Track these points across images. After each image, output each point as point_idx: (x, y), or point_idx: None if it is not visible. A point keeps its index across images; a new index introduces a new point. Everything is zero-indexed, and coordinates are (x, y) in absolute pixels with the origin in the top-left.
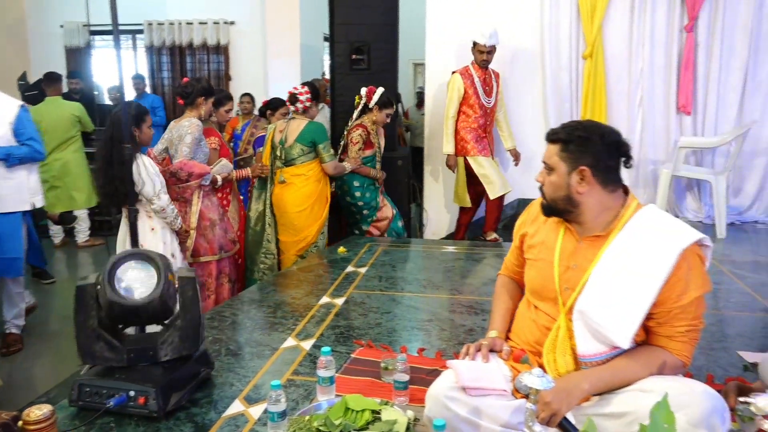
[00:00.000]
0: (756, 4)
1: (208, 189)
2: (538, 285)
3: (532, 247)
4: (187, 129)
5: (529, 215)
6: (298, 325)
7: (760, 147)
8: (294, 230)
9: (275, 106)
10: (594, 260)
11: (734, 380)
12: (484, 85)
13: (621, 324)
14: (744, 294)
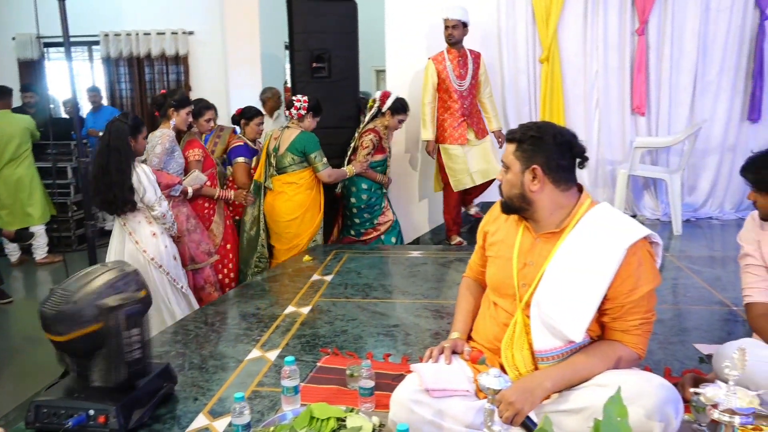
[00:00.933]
0: (703, 7)
1: (179, 200)
2: (498, 281)
3: (492, 244)
4: (158, 140)
5: (491, 215)
6: (263, 335)
7: (712, 145)
8: (286, 238)
9: (250, 116)
10: (548, 257)
11: (690, 372)
12: (458, 68)
13: (573, 318)
14: (700, 288)
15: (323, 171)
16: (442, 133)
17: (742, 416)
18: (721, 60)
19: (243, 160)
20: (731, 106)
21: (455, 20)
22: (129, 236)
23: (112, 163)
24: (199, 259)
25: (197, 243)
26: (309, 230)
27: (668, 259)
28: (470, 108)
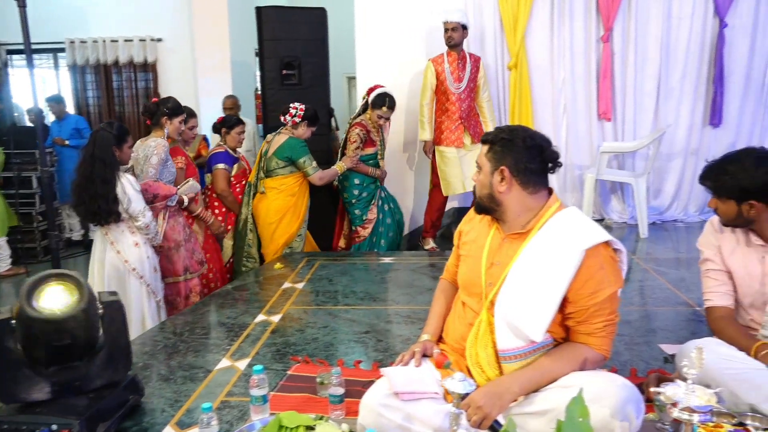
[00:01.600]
0: (665, 15)
1: (174, 210)
2: (467, 280)
3: (465, 243)
4: (153, 149)
5: (468, 216)
6: (233, 345)
7: (676, 149)
8: (265, 242)
9: (231, 125)
10: (513, 257)
11: (655, 372)
12: (456, 71)
13: (534, 318)
14: (665, 290)
15: (314, 175)
16: (439, 134)
17: (701, 414)
18: (684, 66)
19: (223, 167)
20: (693, 112)
21: (454, 23)
22: (110, 245)
23: (97, 173)
24: (193, 269)
25: (191, 252)
26: (285, 236)
27: (635, 261)
28: (468, 111)
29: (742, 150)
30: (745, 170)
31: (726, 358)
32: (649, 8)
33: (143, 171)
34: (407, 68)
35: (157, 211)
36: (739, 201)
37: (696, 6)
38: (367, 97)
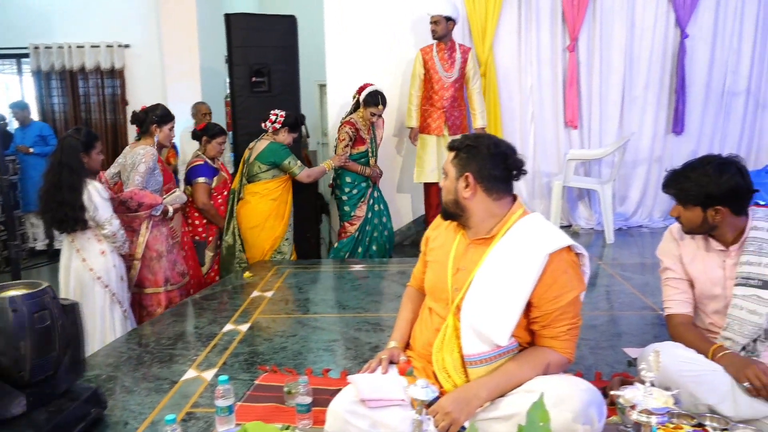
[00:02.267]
0: (628, 25)
1: (158, 219)
2: (433, 286)
3: (432, 249)
4: (141, 157)
5: (435, 222)
6: (200, 355)
7: (640, 157)
8: (249, 247)
9: (213, 134)
10: (478, 263)
11: (619, 375)
12: (444, 60)
13: (498, 323)
14: (630, 294)
15: (301, 173)
16: (423, 122)
17: (658, 416)
18: (647, 76)
19: (203, 181)
20: (657, 120)
21: (436, 16)
22: (76, 253)
23: (64, 180)
24: (174, 280)
25: (173, 263)
26: (270, 239)
27: (601, 267)
28: (451, 101)
29: (703, 158)
30: (709, 177)
31: (685, 361)
32: (613, 19)
33: (129, 178)
34: (378, 75)
35: (140, 220)
36: (705, 207)
37: (658, 17)
38: (358, 96)
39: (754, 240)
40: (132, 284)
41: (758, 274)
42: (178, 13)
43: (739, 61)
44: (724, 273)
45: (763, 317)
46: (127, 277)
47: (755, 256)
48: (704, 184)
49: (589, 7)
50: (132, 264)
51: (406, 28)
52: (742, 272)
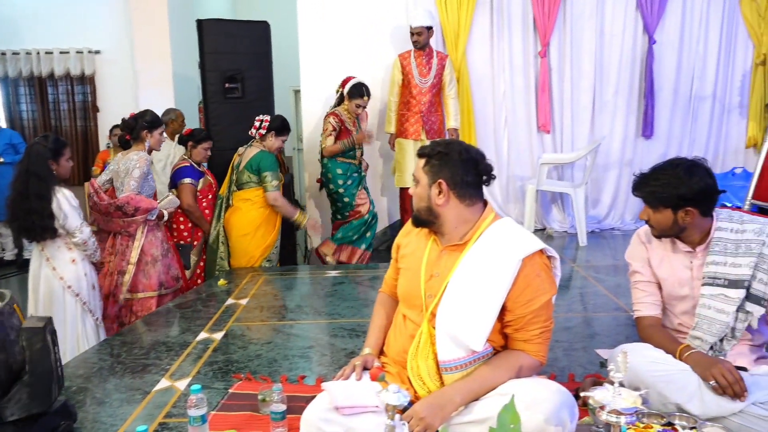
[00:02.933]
0: (598, 32)
1: (153, 224)
2: (407, 293)
3: (404, 257)
4: (135, 163)
5: (405, 229)
6: (173, 364)
7: (611, 160)
8: (239, 254)
9: (199, 139)
10: (452, 268)
11: (591, 377)
12: (422, 66)
13: (474, 328)
14: (602, 296)
15: (271, 192)
16: (400, 127)
17: (627, 416)
18: (617, 81)
19: (189, 181)
20: (627, 124)
21: (420, 27)
22: (46, 262)
23: (32, 188)
24: (168, 285)
25: (168, 267)
26: (260, 248)
27: (575, 269)
28: (428, 106)
29: (671, 160)
30: (680, 179)
31: (654, 361)
32: (583, 25)
33: (124, 184)
34: None
35: (136, 225)
36: (676, 209)
37: (626, 23)
38: (342, 89)
39: (719, 240)
40: (125, 288)
41: (724, 273)
42: (149, 19)
43: (705, 66)
44: (691, 274)
45: (729, 315)
46: (99, 286)
47: (721, 256)
48: (676, 185)
49: (560, 14)
50: (127, 269)
51: (381, 34)
52: (708, 272)
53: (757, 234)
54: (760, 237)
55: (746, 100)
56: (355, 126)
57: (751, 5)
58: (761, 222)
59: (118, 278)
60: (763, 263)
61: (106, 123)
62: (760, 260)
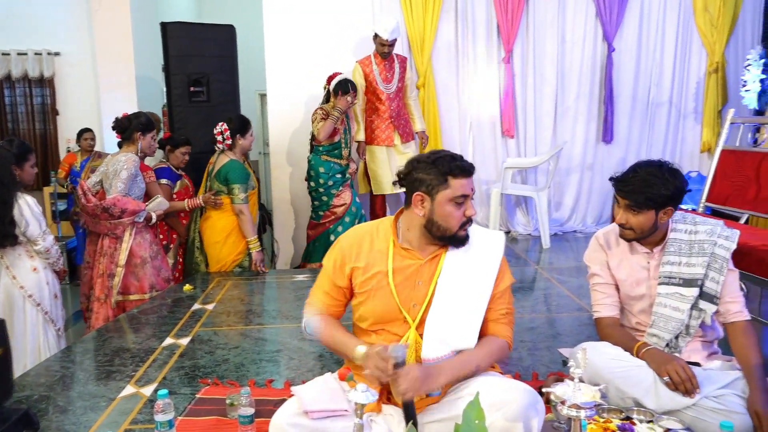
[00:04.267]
0: (559, 39)
1: (141, 226)
2: (383, 312)
3: (369, 279)
4: (123, 164)
5: (348, 249)
6: (138, 371)
7: (573, 164)
8: (211, 261)
9: (176, 144)
10: (435, 274)
11: (554, 374)
12: (384, 72)
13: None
14: (565, 297)
15: (237, 205)
16: (370, 134)
17: (586, 410)
18: (578, 87)
19: (166, 182)
20: (588, 129)
21: (393, 40)
22: (6, 270)
23: None
24: (159, 286)
25: (158, 269)
26: (232, 254)
27: (538, 271)
28: (397, 110)
29: (650, 162)
30: (667, 179)
31: (612, 358)
32: (545, 33)
33: (112, 185)
34: (319, 84)
35: (124, 227)
36: (659, 209)
37: (587, 31)
38: (328, 87)
39: (675, 241)
40: (116, 291)
41: (679, 272)
42: (111, 21)
43: (662, 73)
44: (648, 274)
45: (684, 313)
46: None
47: (675, 257)
48: (666, 186)
49: (522, 21)
50: (116, 271)
51: (347, 37)
52: (664, 272)
53: (709, 235)
54: (712, 238)
55: (700, 106)
56: (343, 124)
57: (704, 16)
58: (712, 223)
59: (109, 281)
60: (714, 263)
61: (66, 126)
62: (712, 260)
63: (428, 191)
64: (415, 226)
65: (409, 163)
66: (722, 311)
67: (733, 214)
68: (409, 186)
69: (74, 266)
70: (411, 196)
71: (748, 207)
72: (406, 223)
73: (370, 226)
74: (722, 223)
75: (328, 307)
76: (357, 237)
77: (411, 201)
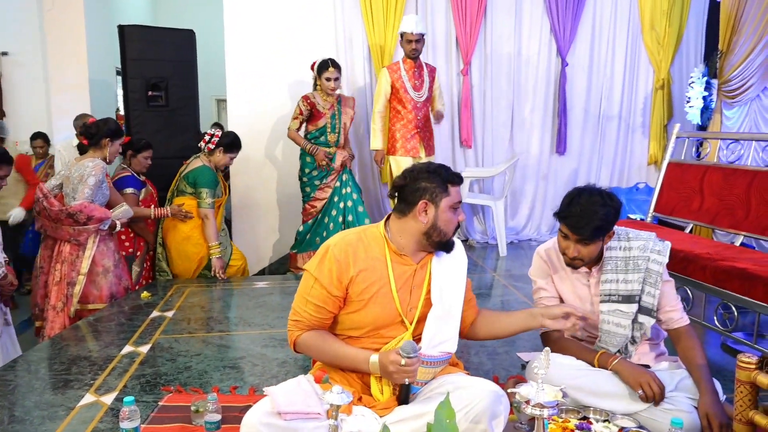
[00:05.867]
0: (515, 52)
1: (105, 234)
2: (380, 319)
3: (369, 286)
4: (90, 170)
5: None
6: (98, 379)
7: (529, 174)
8: (174, 260)
9: (138, 148)
10: (425, 277)
11: (514, 378)
12: (414, 79)
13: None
14: (522, 303)
15: (203, 209)
16: (392, 143)
17: (550, 408)
18: (533, 100)
19: (131, 191)
20: (542, 141)
21: (419, 34)
22: None
23: None
24: (119, 295)
25: (119, 279)
26: (197, 255)
27: (495, 278)
28: (423, 121)
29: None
30: (608, 206)
31: (566, 367)
32: (502, 46)
33: (76, 191)
34: (280, 89)
35: (88, 234)
36: (604, 235)
37: (541, 46)
38: (313, 72)
39: (611, 259)
40: (76, 300)
41: (617, 290)
42: (64, 21)
43: (612, 88)
44: (590, 291)
45: (627, 328)
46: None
47: (613, 274)
48: (609, 212)
49: (480, 35)
50: (77, 279)
51: (308, 42)
52: (604, 290)
53: (642, 251)
54: (645, 253)
55: (648, 120)
56: (332, 109)
57: (651, 34)
58: (644, 238)
59: (68, 289)
60: (649, 277)
61: (16, 129)
62: (647, 275)
63: (432, 199)
64: (411, 233)
65: (408, 174)
66: (665, 320)
67: (679, 223)
68: (411, 195)
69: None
70: (412, 205)
71: (692, 217)
72: (397, 229)
73: (356, 233)
74: (654, 236)
75: (319, 320)
76: (350, 245)
77: (407, 210)
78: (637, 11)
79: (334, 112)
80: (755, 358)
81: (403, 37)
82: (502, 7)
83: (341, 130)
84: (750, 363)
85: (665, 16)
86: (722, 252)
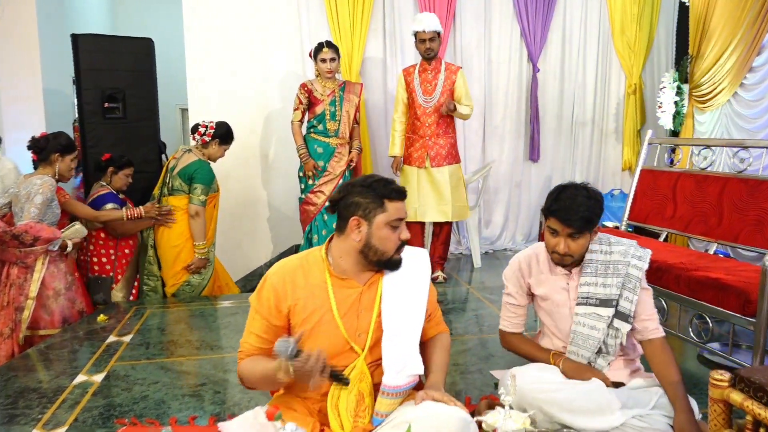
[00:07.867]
0: (486, 59)
1: (55, 255)
2: (329, 347)
3: (310, 316)
4: (38, 188)
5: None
6: (46, 413)
7: (502, 183)
8: (167, 264)
9: (120, 165)
10: (375, 299)
11: (486, 399)
12: (426, 82)
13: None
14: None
15: (194, 206)
16: (406, 152)
17: None
18: (504, 107)
19: (112, 206)
20: (515, 148)
21: (432, 32)
22: None
23: None
24: (73, 320)
25: (72, 302)
26: (190, 260)
27: (470, 291)
28: (435, 128)
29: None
30: (595, 200)
31: (536, 381)
32: (472, 53)
33: (23, 210)
34: (243, 97)
35: (36, 255)
36: (592, 229)
37: (512, 52)
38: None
39: (591, 262)
40: (25, 326)
41: (595, 293)
42: (15, 29)
43: (585, 94)
44: (568, 294)
45: (601, 332)
46: None
47: (592, 277)
48: (596, 204)
49: (450, 41)
50: (25, 304)
51: (271, 49)
52: (582, 292)
53: (623, 255)
54: (626, 258)
55: (621, 126)
56: (332, 95)
57: (622, 39)
58: (626, 244)
59: (16, 315)
60: (628, 282)
61: None
62: (626, 280)
63: (365, 215)
64: (349, 252)
65: (343, 188)
66: (640, 329)
67: (654, 231)
68: (344, 211)
69: None
70: (345, 221)
71: (666, 224)
72: (337, 251)
73: (298, 259)
74: (635, 243)
75: (262, 351)
76: (288, 272)
77: (344, 227)
78: (607, 16)
79: (334, 98)
80: (728, 375)
81: (417, 37)
82: (472, 12)
83: (342, 119)
84: (723, 380)
85: (635, 21)
86: (695, 261)
